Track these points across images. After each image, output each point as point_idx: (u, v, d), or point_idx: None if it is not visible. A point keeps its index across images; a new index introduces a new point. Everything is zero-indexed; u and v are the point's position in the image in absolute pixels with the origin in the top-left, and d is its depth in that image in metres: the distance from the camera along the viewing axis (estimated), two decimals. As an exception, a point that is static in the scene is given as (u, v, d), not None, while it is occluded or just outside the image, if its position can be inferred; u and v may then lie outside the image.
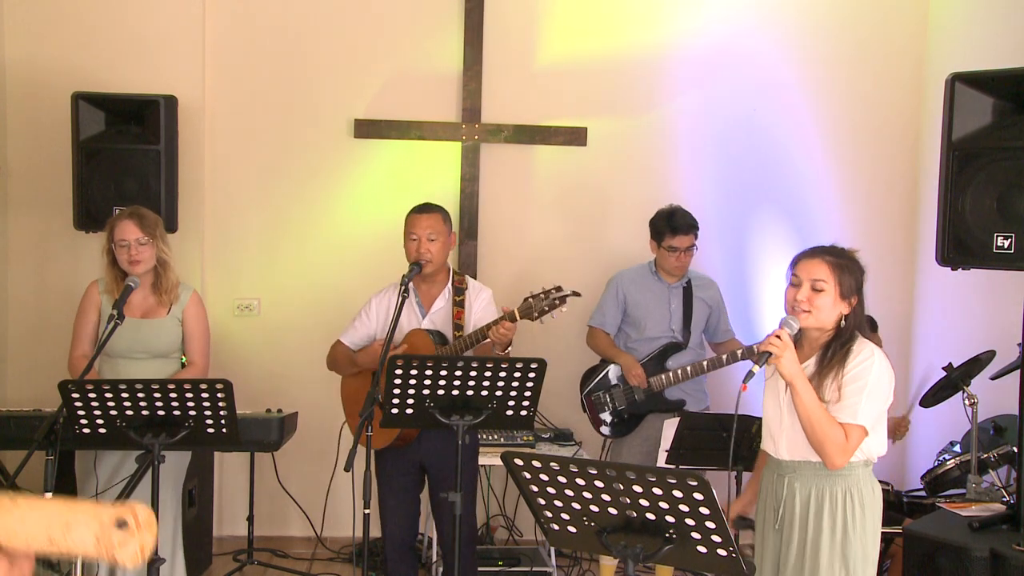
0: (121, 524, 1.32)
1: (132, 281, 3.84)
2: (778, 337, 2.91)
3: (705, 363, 4.55)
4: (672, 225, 4.61)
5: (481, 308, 4.08)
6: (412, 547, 4.13)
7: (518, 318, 3.81)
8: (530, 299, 3.85)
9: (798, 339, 3.01)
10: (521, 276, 5.49)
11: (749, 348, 4.50)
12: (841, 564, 2.95)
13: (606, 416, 4.71)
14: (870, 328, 4.59)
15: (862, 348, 2.98)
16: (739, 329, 5.00)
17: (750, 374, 2.87)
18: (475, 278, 5.38)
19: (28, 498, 1.38)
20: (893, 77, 5.66)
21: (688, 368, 4.57)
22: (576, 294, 3.86)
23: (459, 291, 4.07)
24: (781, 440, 3.05)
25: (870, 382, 2.93)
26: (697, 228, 4.66)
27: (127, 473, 3.78)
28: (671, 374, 4.59)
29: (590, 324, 4.86)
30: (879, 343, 4.65)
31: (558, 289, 3.84)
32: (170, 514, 3.92)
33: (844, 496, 2.96)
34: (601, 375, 4.74)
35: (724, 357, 4.53)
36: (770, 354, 2.90)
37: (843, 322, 3.00)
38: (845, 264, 3.00)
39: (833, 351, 2.98)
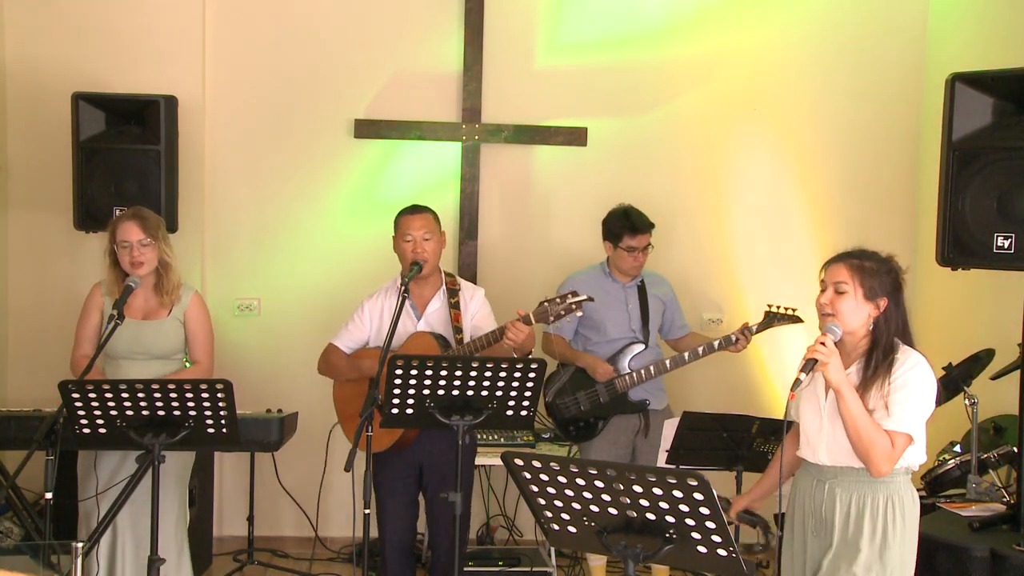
0: None
1: (132, 281, 3.84)
2: (823, 344, 2.89)
3: (668, 361, 4.50)
4: (630, 225, 4.55)
5: (477, 308, 4.07)
6: (411, 550, 4.11)
7: (533, 322, 3.81)
8: (545, 303, 3.85)
9: (836, 345, 2.98)
10: (521, 276, 5.49)
11: (711, 344, 4.43)
12: (879, 570, 2.93)
13: (571, 420, 4.58)
14: None
15: (907, 356, 2.97)
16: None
17: (797, 382, 2.89)
18: (475, 278, 5.41)
19: None
20: (893, 77, 5.65)
21: (651, 367, 4.50)
22: (590, 299, 3.87)
23: (453, 293, 4.05)
24: (821, 446, 3.03)
25: (916, 390, 2.93)
26: (653, 226, 4.60)
27: (127, 473, 3.77)
28: (635, 374, 4.51)
29: (545, 330, 4.63)
30: None
31: (573, 294, 3.84)
32: (173, 514, 3.91)
33: (886, 503, 2.96)
34: (562, 380, 4.60)
35: (686, 354, 4.48)
36: (816, 361, 2.89)
37: (872, 325, 2.98)
38: (868, 266, 2.99)
39: (877, 361, 2.96)
